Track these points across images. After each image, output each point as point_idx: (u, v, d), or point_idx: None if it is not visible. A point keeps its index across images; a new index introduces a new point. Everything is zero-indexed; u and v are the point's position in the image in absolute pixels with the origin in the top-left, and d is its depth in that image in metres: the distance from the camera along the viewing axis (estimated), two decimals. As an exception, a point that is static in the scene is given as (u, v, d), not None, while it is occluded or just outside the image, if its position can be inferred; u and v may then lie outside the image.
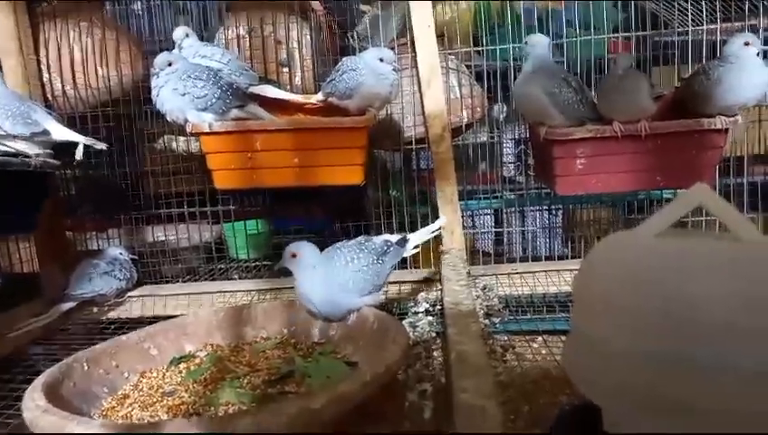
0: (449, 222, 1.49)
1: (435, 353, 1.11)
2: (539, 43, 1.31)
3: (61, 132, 1.32)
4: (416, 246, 1.23)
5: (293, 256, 1.03)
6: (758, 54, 1.23)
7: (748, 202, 1.60)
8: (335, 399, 0.73)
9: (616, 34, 1.67)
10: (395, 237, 1.19)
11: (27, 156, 1.26)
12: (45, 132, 1.30)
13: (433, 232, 1.29)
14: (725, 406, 0.52)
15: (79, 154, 1.33)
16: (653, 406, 0.56)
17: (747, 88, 1.23)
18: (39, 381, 0.84)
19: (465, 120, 1.66)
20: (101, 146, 1.36)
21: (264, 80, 1.46)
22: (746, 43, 1.23)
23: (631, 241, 0.63)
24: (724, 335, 0.52)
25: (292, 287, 1.43)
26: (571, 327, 0.68)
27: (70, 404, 0.85)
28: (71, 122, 1.62)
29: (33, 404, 0.76)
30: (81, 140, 1.32)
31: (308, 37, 1.64)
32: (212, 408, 0.85)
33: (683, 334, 0.54)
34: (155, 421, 0.81)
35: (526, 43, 1.33)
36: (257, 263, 1.89)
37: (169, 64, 1.28)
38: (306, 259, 1.03)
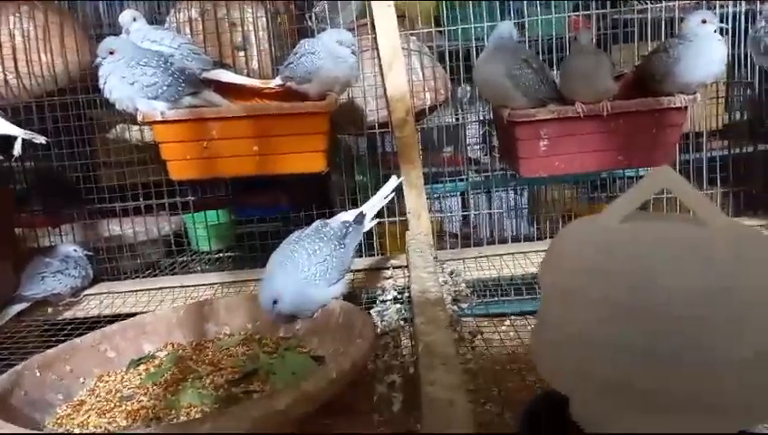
0: (414, 207, 1.47)
1: (403, 343, 1.10)
2: (503, 27, 1.29)
3: None
4: (375, 217, 1.20)
5: (275, 302, 0.98)
6: (715, 31, 1.24)
7: (707, 178, 1.63)
8: (300, 398, 0.70)
9: (576, 12, 1.67)
10: (351, 214, 1.16)
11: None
12: None
13: (386, 196, 1.25)
14: (692, 396, 0.52)
15: (17, 149, 1.25)
16: (620, 396, 0.56)
17: (706, 65, 1.24)
18: (-15, 392, 0.80)
19: (429, 102, 1.63)
20: (40, 140, 1.28)
21: (219, 64, 1.40)
22: (703, 21, 1.23)
23: (596, 227, 0.62)
24: (688, 324, 0.52)
25: (257, 280, 1.41)
26: (538, 316, 0.67)
27: (21, 414, 0.81)
28: (14, 113, 1.53)
29: (-22, 419, 0.72)
30: (18, 133, 1.24)
31: (264, 19, 1.58)
32: (173, 411, 0.82)
33: (648, 323, 0.53)
34: (112, 429, 0.77)
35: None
36: (220, 254, 1.85)
37: (111, 53, 1.22)
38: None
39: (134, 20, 1.37)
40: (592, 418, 0.60)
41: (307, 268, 1.00)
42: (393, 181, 1.28)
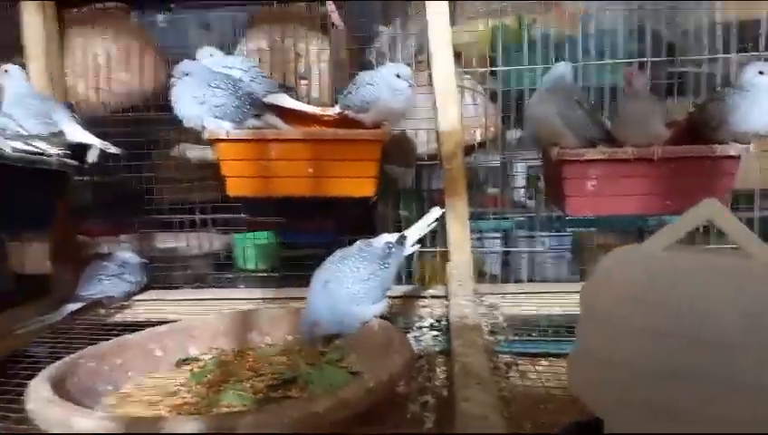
0: (458, 239, 1.49)
1: (437, 369, 1.10)
2: (560, 68, 1.33)
3: (76, 134, 1.34)
4: (416, 242, 1.23)
5: (315, 325, 1.02)
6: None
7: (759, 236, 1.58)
8: (338, 404, 0.73)
9: (631, 60, 1.68)
10: (393, 237, 1.18)
11: (48, 155, 1.28)
12: (61, 133, 1.32)
13: (428, 225, 1.26)
14: (732, 425, 0.52)
15: (92, 157, 1.35)
16: (657, 422, 0.56)
17: (761, 115, 1.23)
18: (45, 373, 0.85)
19: (478, 138, 1.67)
20: (115, 150, 1.38)
21: (283, 87, 1.48)
22: (760, 72, 1.24)
23: (639, 255, 0.63)
24: (731, 354, 0.52)
25: (299, 298, 1.45)
26: (577, 340, 0.67)
27: (73, 399, 0.86)
28: (91, 125, 1.65)
29: (38, 395, 0.77)
30: (95, 142, 1.34)
31: (327, 52, 1.67)
32: (214, 409, 0.85)
33: (689, 351, 0.54)
34: (157, 417, 0.81)
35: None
36: (265, 274, 1.90)
37: (186, 74, 1.31)
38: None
39: (210, 56, 1.47)
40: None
41: (351, 285, 1.03)
42: (436, 211, 1.30)
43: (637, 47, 1.80)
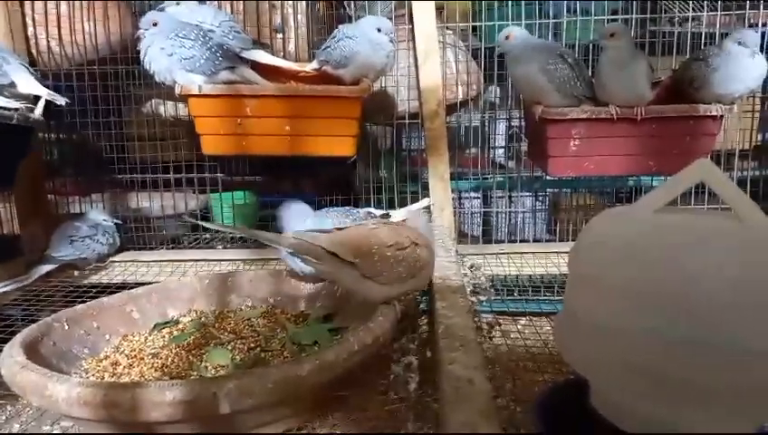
0: (440, 199, 1.48)
1: (420, 329, 1.11)
2: (522, 35, 1.30)
3: (27, 85, 1.27)
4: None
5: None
6: (754, 55, 1.23)
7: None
8: (321, 366, 0.72)
9: (614, 16, 1.65)
10: (378, 212, 1.18)
11: (8, 109, 1.21)
12: (12, 84, 1.25)
13: (414, 211, 1.27)
14: (719, 383, 0.52)
15: (39, 109, 1.27)
16: (645, 382, 0.56)
17: (744, 78, 1.22)
18: (18, 337, 0.82)
19: (460, 96, 1.64)
20: (62, 101, 1.30)
21: (258, 44, 1.42)
22: (739, 43, 1.22)
23: (629, 216, 0.62)
24: (720, 314, 0.52)
25: (278, 259, 1.43)
26: (565, 301, 0.67)
27: (49, 363, 0.83)
28: (54, 79, 1.57)
29: (12, 360, 0.74)
30: (43, 93, 1.27)
31: (303, 3, 1.60)
32: (195, 372, 0.84)
33: (679, 312, 0.54)
34: (137, 383, 0.79)
35: (507, 37, 1.30)
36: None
37: (155, 24, 1.24)
38: (296, 213, 1.02)
39: (177, 4, 1.39)
40: (614, 405, 0.60)
41: None
42: (426, 201, 1.31)
43: (621, 6, 1.77)
